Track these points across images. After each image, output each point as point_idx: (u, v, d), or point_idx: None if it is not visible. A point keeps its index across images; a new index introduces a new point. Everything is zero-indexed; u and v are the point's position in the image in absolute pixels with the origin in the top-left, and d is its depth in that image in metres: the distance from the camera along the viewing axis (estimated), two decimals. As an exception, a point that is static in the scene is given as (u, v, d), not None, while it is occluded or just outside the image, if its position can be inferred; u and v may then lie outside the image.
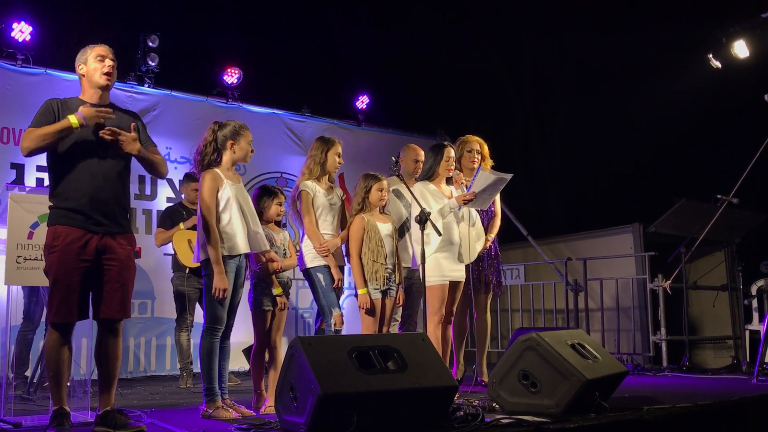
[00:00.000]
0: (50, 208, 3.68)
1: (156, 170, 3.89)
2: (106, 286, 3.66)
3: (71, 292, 3.56)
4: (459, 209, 5.10)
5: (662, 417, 3.69)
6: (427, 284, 4.80)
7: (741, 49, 7.08)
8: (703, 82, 8.68)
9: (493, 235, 5.76)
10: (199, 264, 4.27)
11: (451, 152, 5.31)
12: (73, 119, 3.55)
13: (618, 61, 12.06)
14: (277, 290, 4.62)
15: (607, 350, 4.52)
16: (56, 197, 3.67)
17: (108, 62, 3.75)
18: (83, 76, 3.80)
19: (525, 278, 8.88)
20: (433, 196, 5.13)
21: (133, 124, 3.76)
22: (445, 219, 5.04)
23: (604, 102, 11.94)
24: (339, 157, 4.92)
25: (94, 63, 3.75)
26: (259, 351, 4.66)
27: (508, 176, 5.23)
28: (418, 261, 4.73)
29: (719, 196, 6.84)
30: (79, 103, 3.71)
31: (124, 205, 3.80)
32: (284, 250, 4.75)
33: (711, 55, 7.32)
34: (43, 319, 5.72)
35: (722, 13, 8.53)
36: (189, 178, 6.55)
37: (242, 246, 4.22)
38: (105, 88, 3.79)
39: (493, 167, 5.93)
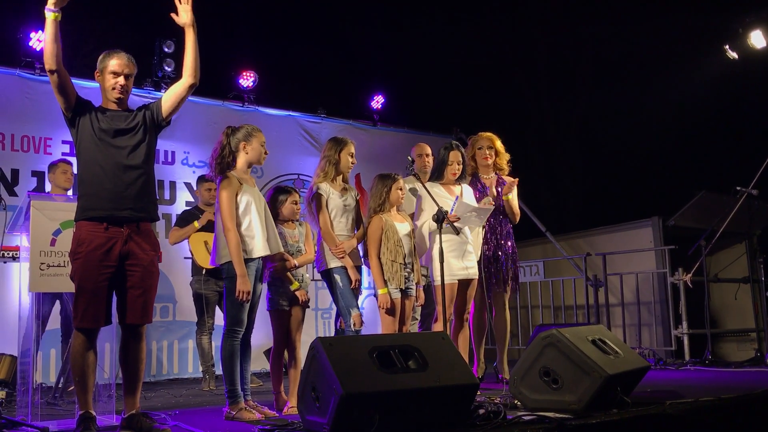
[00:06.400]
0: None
1: (195, 63, 3.91)
2: (129, 292, 3.70)
3: (96, 298, 3.61)
4: (447, 225, 5.00)
5: (685, 411, 3.67)
6: (435, 283, 4.80)
7: (758, 39, 7.01)
8: (721, 73, 8.61)
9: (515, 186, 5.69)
10: (215, 266, 4.31)
11: (458, 156, 5.33)
12: (47, 15, 3.56)
13: (634, 54, 12.01)
14: (293, 285, 4.63)
15: (628, 345, 4.50)
16: (80, 192, 3.72)
17: (120, 80, 3.77)
18: (100, 84, 3.85)
19: (544, 274, 8.86)
20: (439, 199, 5.11)
21: None
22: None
23: (620, 95, 11.88)
24: (352, 156, 4.95)
25: (107, 78, 3.79)
26: (278, 352, 4.69)
27: (489, 208, 5.21)
28: (434, 260, 4.73)
29: (739, 188, 6.78)
30: (99, 110, 3.77)
31: (149, 193, 3.82)
32: (297, 247, 4.76)
33: (728, 46, 7.25)
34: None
35: (738, 3, 8.46)
36: (202, 179, 6.60)
37: (261, 248, 4.25)
38: (118, 102, 3.83)
39: (509, 161, 5.92)
